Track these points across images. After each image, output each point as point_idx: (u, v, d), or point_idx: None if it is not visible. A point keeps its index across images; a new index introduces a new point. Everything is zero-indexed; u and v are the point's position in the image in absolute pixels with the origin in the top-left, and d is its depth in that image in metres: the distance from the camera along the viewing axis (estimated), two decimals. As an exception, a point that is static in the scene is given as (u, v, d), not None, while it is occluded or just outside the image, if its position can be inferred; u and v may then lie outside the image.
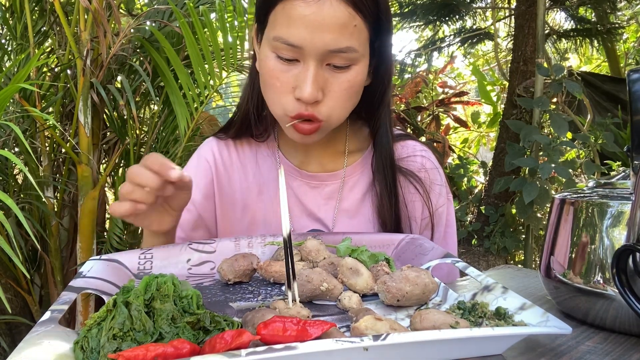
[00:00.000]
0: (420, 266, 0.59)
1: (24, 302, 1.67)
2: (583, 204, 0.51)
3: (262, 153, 0.81)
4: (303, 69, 0.63)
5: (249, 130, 0.80)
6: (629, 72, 0.53)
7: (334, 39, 0.60)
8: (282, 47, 0.62)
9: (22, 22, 1.62)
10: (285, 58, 0.63)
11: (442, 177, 0.82)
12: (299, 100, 0.64)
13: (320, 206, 0.78)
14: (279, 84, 0.64)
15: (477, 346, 0.41)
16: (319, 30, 0.60)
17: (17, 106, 1.59)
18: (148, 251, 0.61)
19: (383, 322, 0.40)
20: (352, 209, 0.78)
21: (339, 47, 0.61)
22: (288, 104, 0.65)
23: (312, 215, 0.77)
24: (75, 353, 0.38)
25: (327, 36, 0.60)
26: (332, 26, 0.60)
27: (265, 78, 0.67)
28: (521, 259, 3.07)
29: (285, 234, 0.46)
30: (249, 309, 0.50)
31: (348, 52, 0.62)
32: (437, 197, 0.80)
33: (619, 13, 4.02)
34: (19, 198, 1.66)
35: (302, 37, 0.60)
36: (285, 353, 0.33)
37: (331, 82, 0.64)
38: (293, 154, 0.80)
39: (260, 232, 0.78)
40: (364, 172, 0.79)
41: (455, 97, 3.87)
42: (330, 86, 0.64)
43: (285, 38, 0.61)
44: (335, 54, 0.62)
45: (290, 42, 0.61)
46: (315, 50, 0.61)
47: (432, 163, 0.82)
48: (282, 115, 0.67)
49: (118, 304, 0.39)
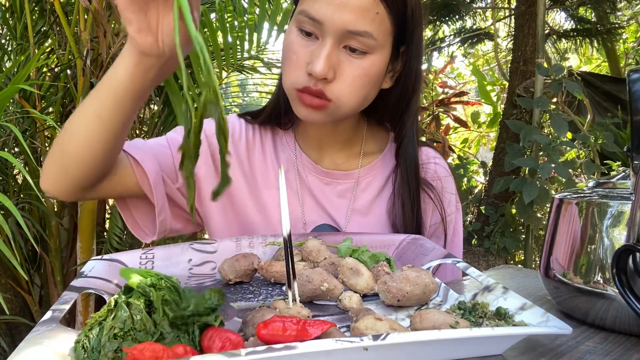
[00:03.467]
0: (421, 266, 0.59)
1: (24, 302, 1.67)
2: (583, 204, 0.51)
3: (283, 142, 0.81)
4: (320, 45, 0.64)
5: (278, 118, 0.80)
6: (629, 72, 0.53)
7: (354, 20, 0.62)
8: (304, 20, 0.64)
9: (22, 22, 1.62)
10: (306, 32, 0.65)
11: (454, 186, 0.83)
12: (309, 76, 0.65)
13: (332, 203, 0.78)
14: (295, 58, 0.66)
15: (477, 346, 0.41)
16: (340, 9, 0.62)
17: (17, 106, 1.59)
18: (149, 251, 0.61)
19: (383, 322, 0.40)
20: (363, 209, 0.78)
21: (357, 29, 0.63)
22: (298, 77, 0.66)
23: (323, 210, 0.78)
24: (76, 352, 0.38)
25: (348, 16, 0.62)
26: (354, 7, 0.62)
27: (284, 52, 0.68)
28: (521, 259, 3.07)
29: (286, 234, 0.46)
30: (249, 309, 0.50)
31: (365, 37, 0.64)
32: (448, 204, 0.81)
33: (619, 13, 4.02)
34: (19, 198, 1.66)
35: (323, 12, 0.63)
36: (285, 353, 0.33)
37: (345, 64, 0.65)
38: (309, 149, 0.81)
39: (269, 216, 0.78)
40: (378, 175, 0.80)
41: (455, 97, 3.87)
42: (343, 69, 0.65)
43: (308, 11, 0.64)
44: (353, 36, 0.64)
45: (312, 16, 0.63)
46: (334, 27, 0.63)
47: (446, 171, 0.83)
48: (291, 89, 0.68)
49: (119, 303, 0.39)
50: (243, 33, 1.63)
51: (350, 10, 0.62)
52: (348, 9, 0.62)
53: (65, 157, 0.61)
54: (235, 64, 1.66)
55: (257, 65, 1.81)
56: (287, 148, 0.81)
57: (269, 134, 0.82)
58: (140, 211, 0.74)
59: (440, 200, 0.79)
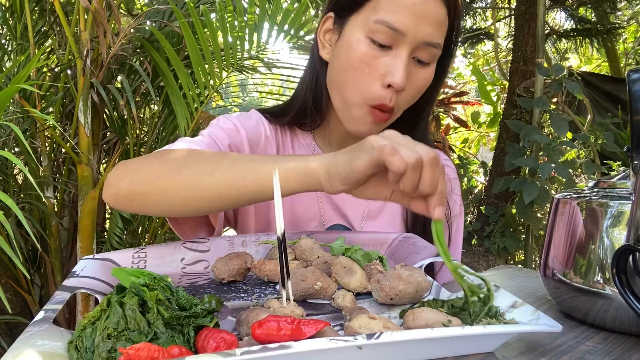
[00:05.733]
0: (414, 264, 0.59)
1: (24, 302, 1.67)
2: (583, 204, 0.51)
3: (300, 142, 0.82)
4: (396, 55, 0.64)
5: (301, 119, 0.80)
6: (629, 72, 0.53)
7: (432, 32, 0.64)
8: (382, 30, 0.64)
9: (22, 22, 1.62)
10: (380, 43, 0.64)
11: (459, 189, 0.85)
12: (386, 88, 0.65)
13: (346, 203, 0.79)
14: (368, 70, 0.65)
15: (469, 344, 0.41)
16: (422, 21, 0.63)
17: (17, 106, 1.59)
18: (142, 250, 0.60)
19: (377, 321, 0.40)
20: (377, 210, 0.80)
21: (433, 41, 0.65)
22: (374, 92, 0.66)
23: (337, 210, 0.79)
24: (70, 353, 0.37)
25: (428, 29, 0.64)
26: (433, 20, 0.64)
27: (353, 62, 0.66)
28: (521, 259, 3.06)
29: (280, 233, 0.45)
30: (243, 308, 0.50)
31: (437, 49, 0.66)
32: (453, 205, 0.83)
33: (619, 13, 4.02)
34: (19, 198, 1.66)
35: (406, 23, 0.63)
36: (280, 352, 0.33)
37: (413, 75, 0.67)
38: (328, 149, 0.81)
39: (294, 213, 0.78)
40: None
41: (455, 97, 3.86)
42: (411, 79, 0.66)
43: (390, 22, 0.63)
44: (427, 47, 0.65)
45: (394, 27, 0.63)
46: (415, 38, 0.64)
47: (454, 172, 0.86)
48: (361, 104, 0.67)
49: (112, 303, 0.39)
50: (243, 33, 1.63)
51: (430, 22, 0.63)
52: (428, 21, 0.63)
53: (155, 197, 0.54)
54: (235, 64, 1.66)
55: (257, 65, 1.81)
56: (305, 148, 0.81)
57: (287, 133, 0.83)
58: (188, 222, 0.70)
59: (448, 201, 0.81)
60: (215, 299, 0.42)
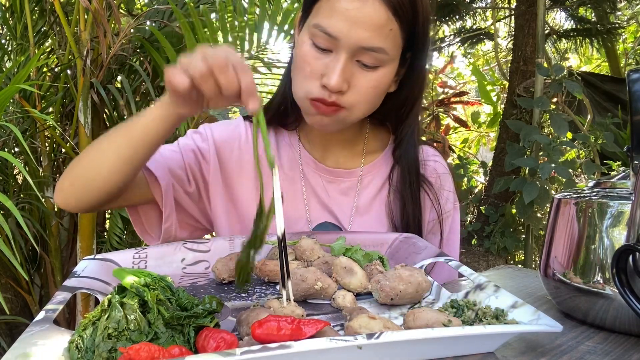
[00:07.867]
0: (414, 265, 0.59)
1: (24, 302, 1.67)
2: (583, 204, 0.51)
3: (285, 141, 0.82)
4: (334, 59, 0.65)
5: (283, 117, 0.81)
6: (629, 72, 0.53)
7: (369, 37, 0.63)
8: (319, 35, 0.64)
9: (22, 22, 1.62)
10: (320, 47, 0.65)
11: (452, 184, 0.84)
12: (324, 88, 0.66)
13: (335, 200, 0.79)
14: (309, 69, 0.66)
15: (469, 344, 0.41)
16: (356, 26, 0.62)
17: (17, 106, 1.59)
18: (142, 250, 0.60)
19: (377, 321, 0.40)
20: (364, 206, 0.80)
21: (371, 45, 0.63)
22: (312, 88, 0.67)
23: (326, 208, 0.79)
24: (70, 352, 0.37)
25: (363, 33, 0.62)
26: (369, 25, 0.62)
27: (297, 61, 0.69)
28: (521, 259, 3.07)
29: (280, 233, 0.45)
30: (243, 308, 0.50)
31: (378, 53, 0.64)
32: (445, 202, 0.82)
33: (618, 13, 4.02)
34: (19, 198, 1.66)
35: (339, 28, 0.63)
36: (280, 352, 0.33)
37: (358, 77, 0.66)
38: (313, 148, 0.81)
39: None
40: (380, 172, 0.81)
41: (455, 97, 3.86)
42: (356, 81, 0.66)
43: (324, 27, 0.64)
44: (367, 52, 0.64)
45: (328, 32, 0.63)
46: (348, 43, 0.63)
47: (444, 168, 0.84)
48: (303, 98, 0.68)
49: (113, 303, 0.39)
50: (243, 33, 1.63)
51: (365, 27, 0.62)
52: (364, 25, 0.62)
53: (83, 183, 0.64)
54: (234, 63, 1.66)
55: (257, 65, 1.81)
56: (290, 148, 0.81)
57: (272, 134, 0.83)
58: (149, 216, 0.75)
59: (437, 197, 0.80)
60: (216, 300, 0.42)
